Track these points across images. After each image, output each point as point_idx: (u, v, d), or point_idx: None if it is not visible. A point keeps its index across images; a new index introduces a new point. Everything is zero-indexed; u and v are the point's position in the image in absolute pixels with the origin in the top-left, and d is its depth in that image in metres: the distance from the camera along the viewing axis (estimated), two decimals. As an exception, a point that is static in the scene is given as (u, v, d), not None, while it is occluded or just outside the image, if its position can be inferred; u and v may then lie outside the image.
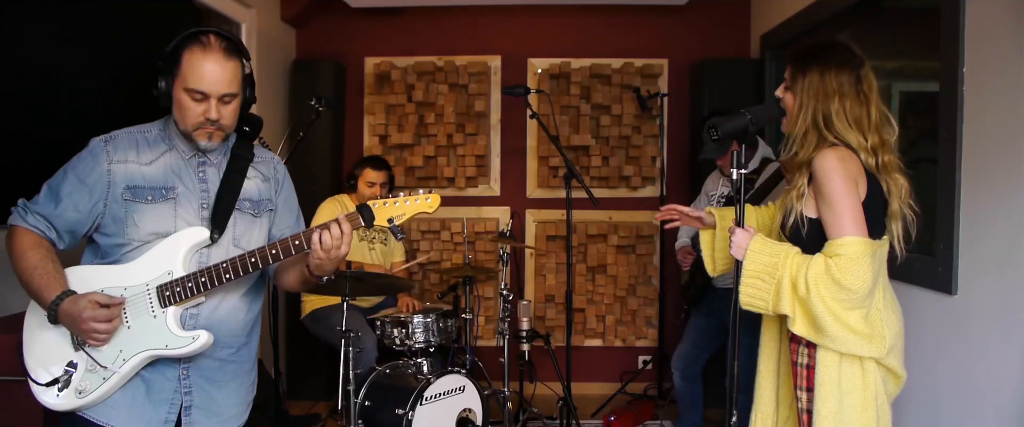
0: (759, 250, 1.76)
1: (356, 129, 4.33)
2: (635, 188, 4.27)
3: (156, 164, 1.68)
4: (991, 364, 2.04)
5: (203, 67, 1.60)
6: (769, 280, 1.73)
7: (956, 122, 2.16)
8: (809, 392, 1.77)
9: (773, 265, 1.73)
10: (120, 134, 1.70)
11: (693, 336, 3.21)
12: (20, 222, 1.63)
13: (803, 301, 1.70)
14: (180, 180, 1.69)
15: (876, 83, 1.78)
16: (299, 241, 1.65)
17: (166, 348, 1.62)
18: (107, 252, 1.67)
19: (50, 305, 1.57)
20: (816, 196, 1.74)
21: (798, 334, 1.73)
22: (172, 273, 1.63)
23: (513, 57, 4.28)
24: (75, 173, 1.64)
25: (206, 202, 1.71)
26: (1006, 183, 1.99)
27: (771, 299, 1.74)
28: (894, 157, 1.77)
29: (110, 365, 1.61)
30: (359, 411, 2.92)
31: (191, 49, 1.61)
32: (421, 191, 1.71)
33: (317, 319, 3.46)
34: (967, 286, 2.16)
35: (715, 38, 4.19)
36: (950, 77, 2.19)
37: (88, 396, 1.61)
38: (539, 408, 3.64)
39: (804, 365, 1.79)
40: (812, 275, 1.67)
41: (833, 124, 1.74)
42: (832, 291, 1.66)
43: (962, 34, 2.15)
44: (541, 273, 4.30)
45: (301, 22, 4.28)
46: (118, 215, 1.64)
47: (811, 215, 1.77)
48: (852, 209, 1.68)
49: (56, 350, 1.64)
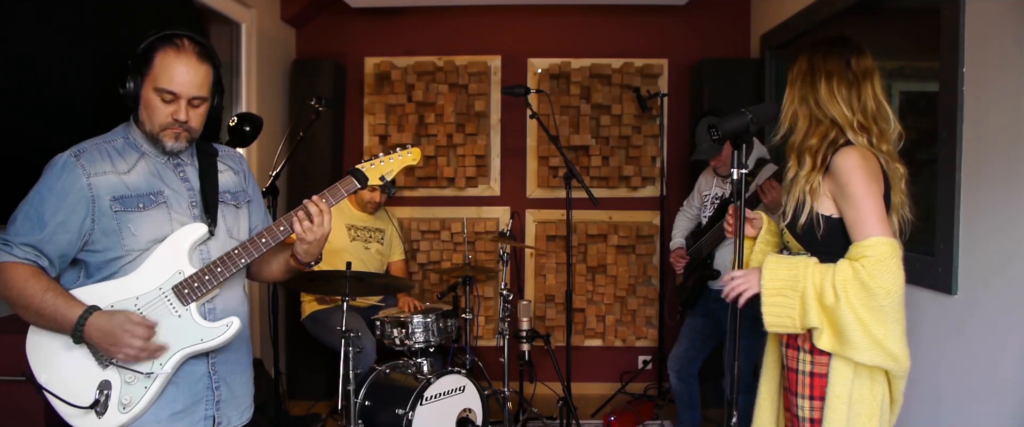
0: (776, 266, 1.71)
1: (356, 129, 4.33)
2: (635, 188, 4.27)
3: (135, 172, 1.64)
4: (991, 364, 2.04)
5: (175, 68, 1.61)
6: (792, 294, 1.67)
7: (956, 122, 2.16)
8: (813, 400, 1.72)
9: (793, 277, 1.67)
10: (86, 147, 1.63)
11: (689, 337, 3.19)
12: (6, 258, 1.54)
13: (830, 310, 1.63)
14: (164, 183, 1.67)
15: (877, 74, 1.76)
16: (302, 208, 1.71)
17: (202, 342, 1.65)
18: (99, 268, 1.62)
19: (77, 322, 1.53)
20: (836, 196, 1.69)
21: (823, 348, 1.67)
22: (182, 272, 1.64)
23: (513, 57, 4.28)
24: (54, 194, 1.57)
25: (194, 200, 1.71)
26: (1006, 183, 1.99)
27: (797, 314, 1.67)
28: (892, 148, 1.76)
29: (152, 370, 1.60)
30: (359, 411, 2.92)
31: (165, 50, 1.61)
32: (399, 147, 1.82)
33: (316, 321, 3.45)
34: (967, 286, 2.16)
35: (715, 38, 4.19)
36: (950, 77, 2.19)
37: (134, 408, 1.59)
38: (539, 408, 3.64)
39: (807, 372, 1.73)
40: (839, 281, 1.61)
41: (820, 100, 1.74)
42: (862, 297, 1.59)
43: (962, 34, 2.15)
44: (541, 273, 4.30)
45: (301, 22, 4.28)
46: (110, 228, 1.59)
47: (826, 213, 1.72)
48: (877, 209, 1.63)
49: (82, 375, 1.58)
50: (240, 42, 3.69)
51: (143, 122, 1.65)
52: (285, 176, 3.98)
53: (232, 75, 3.67)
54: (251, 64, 3.72)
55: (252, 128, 2.31)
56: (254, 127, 2.30)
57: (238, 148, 2.10)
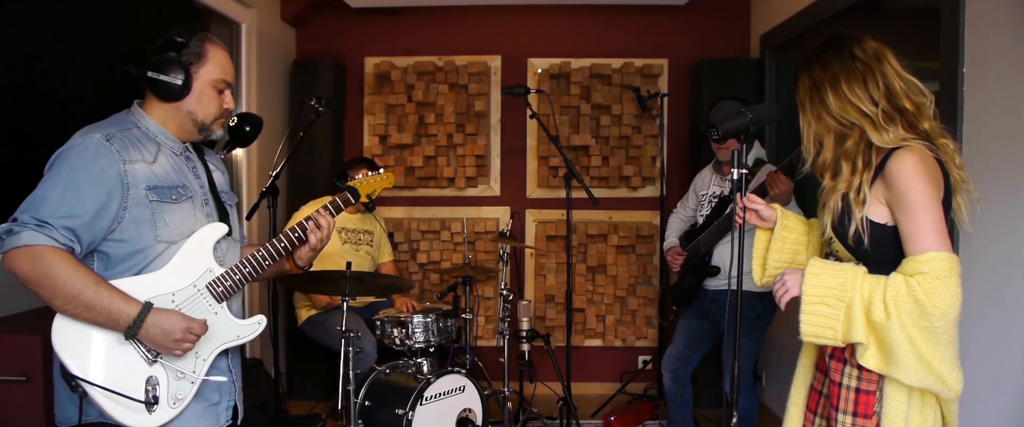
0: (821, 271, 1.57)
1: (356, 129, 4.33)
2: (635, 188, 4.27)
3: (159, 163, 1.63)
4: (991, 364, 2.04)
5: (226, 60, 1.71)
6: (837, 304, 1.54)
7: (956, 122, 2.16)
8: (856, 417, 1.60)
9: (841, 286, 1.53)
10: (113, 132, 1.58)
11: (684, 338, 3.17)
12: (44, 241, 1.43)
13: (879, 327, 1.50)
14: (185, 178, 1.69)
15: (889, 51, 1.63)
16: (296, 232, 1.81)
17: (238, 338, 1.72)
18: (122, 260, 1.56)
19: (136, 319, 1.50)
20: (891, 203, 1.55)
21: (867, 366, 1.54)
22: (212, 270, 1.67)
23: (513, 57, 4.28)
24: (92, 176, 1.49)
25: (206, 197, 1.74)
26: (1006, 183, 1.99)
27: (841, 326, 1.54)
28: (934, 124, 1.59)
29: (194, 370, 1.65)
30: (359, 411, 2.92)
31: (213, 43, 1.69)
32: (374, 172, 2.07)
33: (314, 324, 3.45)
34: (967, 286, 2.15)
35: (715, 38, 4.19)
36: (950, 77, 2.19)
37: (183, 403, 1.62)
38: (539, 408, 3.64)
39: (853, 387, 1.61)
40: (891, 296, 1.47)
41: (834, 111, 1.60)
42: (914, 316, 1.46)
43: (962, 34, 2.15)
44: (541, 273, 4.30)
45: (301, 22, 4.28)
46: (142, 218, 1.56)
47: (879, 221, 1.58)
48: (937, 220, 1.49)
49: (131, 369, 1.55)
50: (240, 42, 3.69)
51: (192, 112, 1.67)
52: (285, 176, 3.98)
53: (232, 75, 3.67)
54: (251, 64, 3.72)
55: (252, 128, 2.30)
56: (254, 127, 2.29)
57: (238, 148, 2.11)
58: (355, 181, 2.01)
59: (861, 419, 1.59)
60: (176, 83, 1.62)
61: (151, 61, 1.62)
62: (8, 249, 1.43)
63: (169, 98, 1.64)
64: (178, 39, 1.63)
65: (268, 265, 1.75)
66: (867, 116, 1.57)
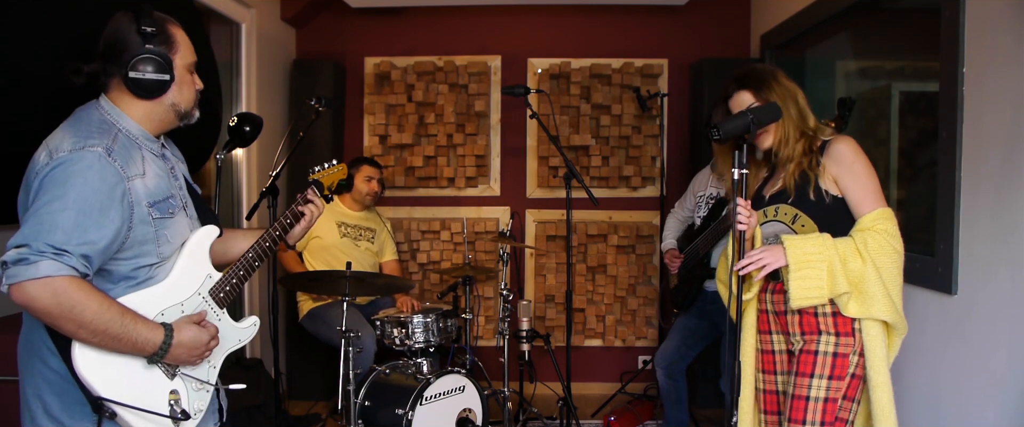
0: (800, 241, 1.84)
1: (356, 129, 4.33)
2: (635, 188, 4.27)
3: (149, 173, 1.51)
4: (991, 364, 2.04)
5: (187, 37, 1.58)
6: (820, 266, 1.81)
7: (956, 122, 2.16)
8: (831, 380, 1.85)
9: (819, 249, 1.82)
10: (107, 143, 1.43)
11: (681, 335, 3.17)
12: (66, 271, 1.31)
13: (857, 274, 1.81)
14: (170, 185, 1.58)
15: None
16: (288, 218, 1.82)
17: (239, 342, 1.73)
18: (124, 277, 1.50)
19: (161, 346, 1.46)
20: (841, 175, 1.89)
21: (851, 315, 1.83)
22: (211, 276, 1.65)
23: (513, 57, 4.28)
24: (102, 196, 1.38)
25: (186, 200, 1.65)
26: (1006, 183, 1.99)
27: (826, 283, 1.81)
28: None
29: (208, 377, 1.65)
30: (359, 411, 2.92)
31: (173, 23, 1.56)
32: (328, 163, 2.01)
33: (315, 317, 3.46)
34: (967, 286, 2.16)
35: (715, 38, 4.19)
36: (950, 77, 2.19)
37: (202, 412, 1.62)
38: (539, 408, 3.64)
39: (830, 353, 1.87)
40: (873, 246, 1.82)
41: (805, 113, 1.97)
42: (892, 259, 1.83)
43: (962, 34, 2.15)
44: (541, 273, 4.30)
45: (301, 22, 4.28)
46: (146, 237, 1.48)
47: (832, 192, 1.91)
48: (877, 184, 1.89)
49: (155, 387, 1.51)
50: (240, 42, 3.69)
51: (175, 104, 1.56)
52: (285, 176, 3.98)
53: (232, 75, 3.66)
54: (251, 64, 3.72)
55: (252, 128, 2.30)
56: (254, 127, 2.29)
57: (238, 148, 2.10)
58: (317, 174, 1.99)
59: (835, 381, 1.86)
60: (164, 79, 1.50)
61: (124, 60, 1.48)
62: (22, 280, 1.29)
63: (152, 95, 1.52)
64: (147, 29, 1.48)
65: (259, 264, 1.73)
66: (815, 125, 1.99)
